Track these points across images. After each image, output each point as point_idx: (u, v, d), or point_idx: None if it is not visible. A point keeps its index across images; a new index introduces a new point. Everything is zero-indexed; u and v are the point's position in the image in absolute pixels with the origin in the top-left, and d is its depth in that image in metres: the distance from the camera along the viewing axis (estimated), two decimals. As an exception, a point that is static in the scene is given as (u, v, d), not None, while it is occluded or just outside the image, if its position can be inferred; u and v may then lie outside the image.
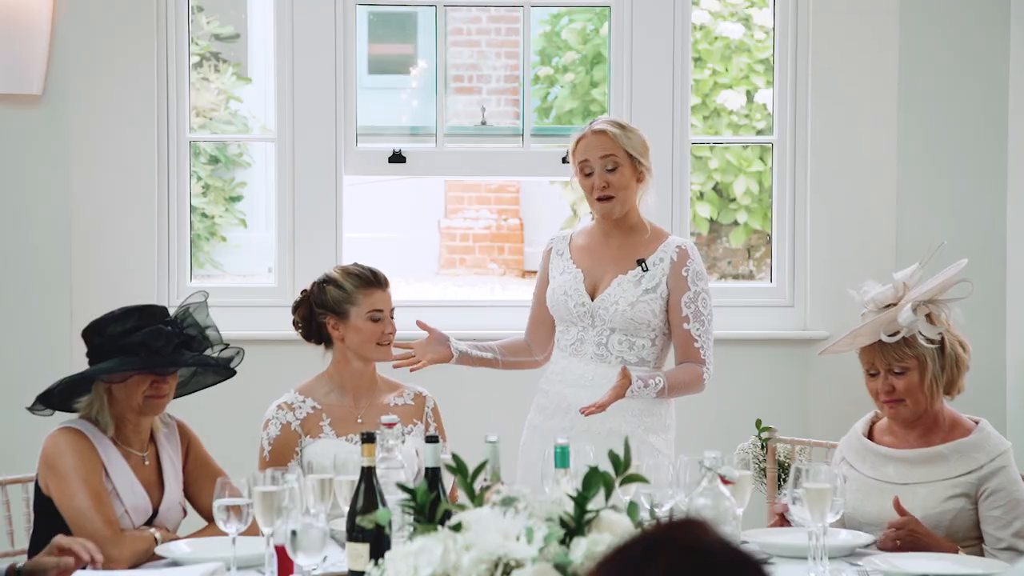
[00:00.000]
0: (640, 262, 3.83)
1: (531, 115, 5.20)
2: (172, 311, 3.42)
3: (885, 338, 3.42)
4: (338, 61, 4.93)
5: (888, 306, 3.47)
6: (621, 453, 2.62)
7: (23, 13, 4.68)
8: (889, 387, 3.43)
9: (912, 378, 3.42)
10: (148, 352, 3.30)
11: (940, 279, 3.44)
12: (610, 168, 3.81)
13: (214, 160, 9.23)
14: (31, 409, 3.35)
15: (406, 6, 8.03)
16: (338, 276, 3.76)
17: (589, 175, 3.82)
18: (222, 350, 3.45)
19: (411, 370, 3.82)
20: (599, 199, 3.82)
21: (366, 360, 3.75)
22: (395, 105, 9.85)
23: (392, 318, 3.77)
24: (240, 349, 3.49)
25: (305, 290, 3.82)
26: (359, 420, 3.72)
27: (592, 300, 3.82)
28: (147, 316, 3.35)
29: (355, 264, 3.81)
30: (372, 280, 3.75)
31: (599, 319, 3.81)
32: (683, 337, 3.82)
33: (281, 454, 3.67)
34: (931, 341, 3.41)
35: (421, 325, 3.88)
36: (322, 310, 3.74)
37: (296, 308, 3.82)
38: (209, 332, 3.42)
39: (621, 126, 3.86)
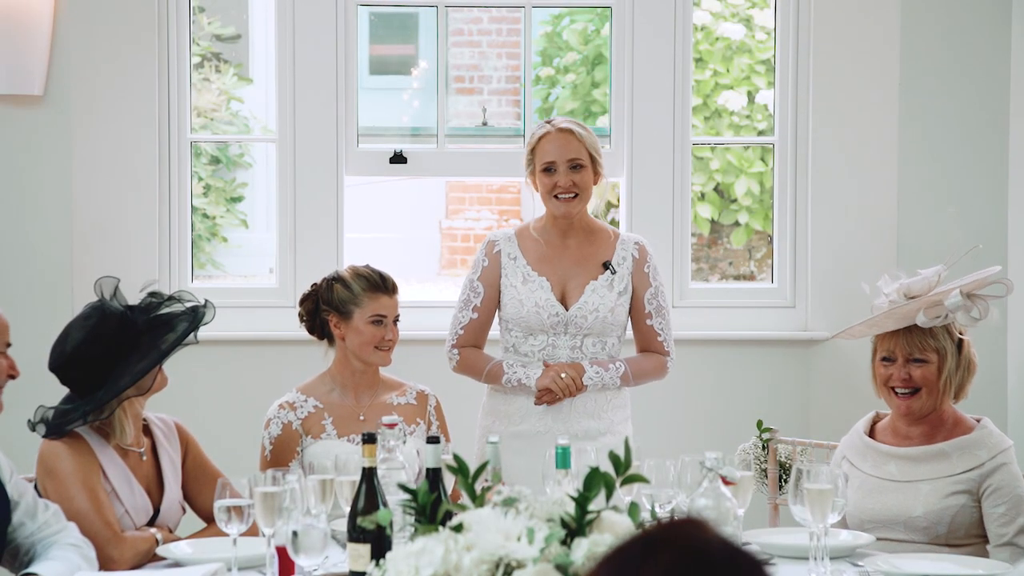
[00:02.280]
0: (607, 265, 3.84)
1: (532, 116, 5.20)
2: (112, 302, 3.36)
3: (923, 320, 3.43)
4: (339, 61, 4.93)
5: (915, 297, 3.49)
6: (602, 452, 2.62)
7: (24, 14, 4.68)
8: (906, 375, 3.46)
9: (930, 369, 3.45)
10: (167, 330, 3.30)
11: (980, 275, 3.48)
12: (575, 168, 3.80)
13: (215, 161, 9.23)
14: (33, 424, 3.33)
15: (407, 7, 8.03)
16: (347, 276, 3.77)
17: (551, 173, 3.80)
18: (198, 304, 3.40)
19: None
20: (561, 198, 3.80)
21: (364, 363, 3.76)
22: (396, 106, 9.84)
23: (396, 324, 3.78)
24: (204, 303, 3.41)
25: (315, 284, 3.84)
26: (361, 418, 3.73)
27: (566, 309, 3.81)
28: (107, 317, 3.30)
29: (367, 266, 3.82)
30: (379, 284, 3.76)
31: (573, 326, 3.80)
32: (647, 332, 3.87)
33: (282, 453, 3.68)
34: (960, 332, 3.46)
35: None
36: (327, 307, 3.76)
37: (303, 301, 3.84)
38: (175, 296, 3.38)
39: (582, 126, 3.85)
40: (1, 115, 4.73)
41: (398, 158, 4.99)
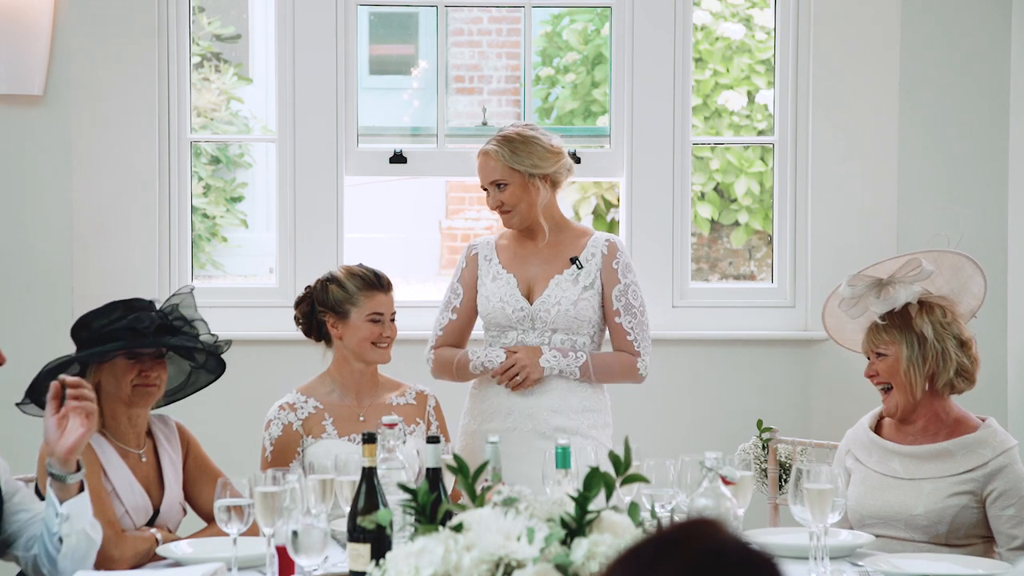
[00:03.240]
0: (574, 260, 3.85)
1: (532, 116, 5.20)
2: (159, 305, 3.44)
3: (846, 313, 3.58)
4: (339, 61, 4.93)
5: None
6: (588, 452, 2.62)
7: (24, 13, 4.68)
8: (874, 371, 3.55)
9: (890, 362, 3.51)
10: (133, 334, 3.32)
11: (895, 259, 3.57)
12: (499, 187, 3.84)
13: (215, 160, 9.23)
14: (21, 406, 3.35)
15: (407, 6, 8.04)
16: (342, 276, 3.78)
17: (487, 193, 3.87)
18: (214, 341, 3.47)
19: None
20: (499, 213, 3.86)
21: (363, 361, 3.76)
22: (396, 105, 9.84)
23: (392, 321, 3.78)
24: (228, 340, 3.50)
25: (309, 286, 3.84)
26: (361, 419, 3.73)
27: (530, 303, 3.82)
28: (131, 308, 3.36)
29: (360, 265, 3.83)
30: (375, 282, 3.76)
31: (539, 321, 3.81)
32: (616, 330, 3.86)
33: (283, 454, 3.68)
34: (898, 322, 3.50)
35: None
36: (323, 308, 3.76)
37: (298, 304, 3.84)
38: (196, 323, 3.43)
39: (509, 141, 3.83)
40: (1, 115, 4.73)
41: (398, 158, 4.99)
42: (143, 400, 3.38)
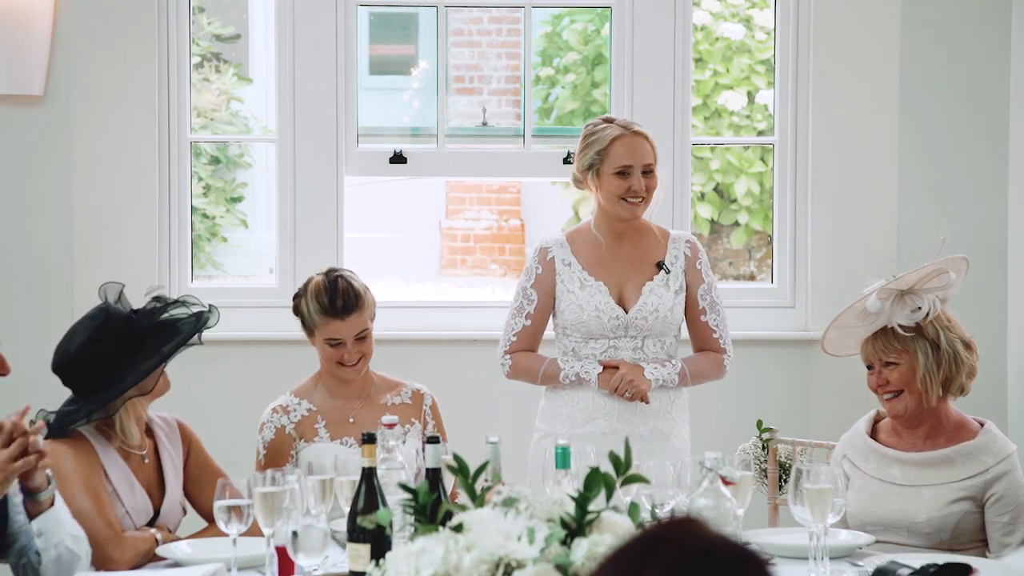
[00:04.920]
0: (660, 265, 3.81)
1: (532, 116, 5.20)
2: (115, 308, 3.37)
3: (860, 327, 3.49)
4: (339, 62, 4.93)
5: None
6: (633, 451, 2.61)
7: (25, 14, 4.68)
8: (884, 380, 3.48)
9: (902, 370, 3.46)
10: (172, 333, 3.30)
11: (918, 270, 3.50)
12: (646, 173, 3.77)
13: (215, 161, 9.23)
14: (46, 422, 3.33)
15: (407, 7, 8.04)
16: (310, 292, 3.67)
17: (625, 176, 3.75)
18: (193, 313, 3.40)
19: None
20: (631, 201, 3.76)
21: (333, 377, 3.72)
22: (396, 106, 9.85)
23: (363, 340, 3.66)
24: (211, 306, 3.40)
25: (310, 277, 3.75)
26: (351, 420, 3.69)
27: (625, 312, 3.77)
28: (120, 333, 3.29)
29: (334, 280, 3.67)
30: (329, 310, 3.63)
31: (634, 328, 3.76)
32: (701, 329, 3.83)
33: (276, 458, 3.66)
34: (908, 329, 3.44)
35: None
36: (298, 317, 3.73)
37: (295, 298, 3.76)
38: (173, 307, 3.38)
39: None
40: (1, 115, 4.73)
41: (398, 158, 4.99)
42: (165, 388, 3.39)
